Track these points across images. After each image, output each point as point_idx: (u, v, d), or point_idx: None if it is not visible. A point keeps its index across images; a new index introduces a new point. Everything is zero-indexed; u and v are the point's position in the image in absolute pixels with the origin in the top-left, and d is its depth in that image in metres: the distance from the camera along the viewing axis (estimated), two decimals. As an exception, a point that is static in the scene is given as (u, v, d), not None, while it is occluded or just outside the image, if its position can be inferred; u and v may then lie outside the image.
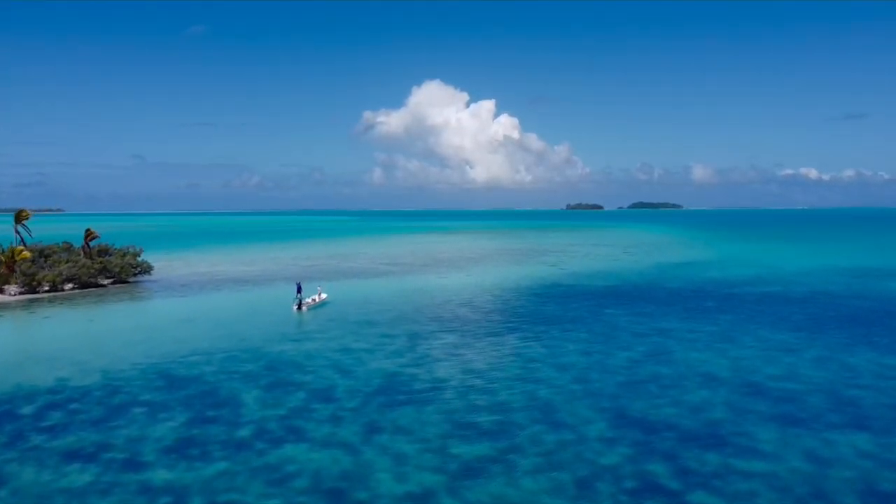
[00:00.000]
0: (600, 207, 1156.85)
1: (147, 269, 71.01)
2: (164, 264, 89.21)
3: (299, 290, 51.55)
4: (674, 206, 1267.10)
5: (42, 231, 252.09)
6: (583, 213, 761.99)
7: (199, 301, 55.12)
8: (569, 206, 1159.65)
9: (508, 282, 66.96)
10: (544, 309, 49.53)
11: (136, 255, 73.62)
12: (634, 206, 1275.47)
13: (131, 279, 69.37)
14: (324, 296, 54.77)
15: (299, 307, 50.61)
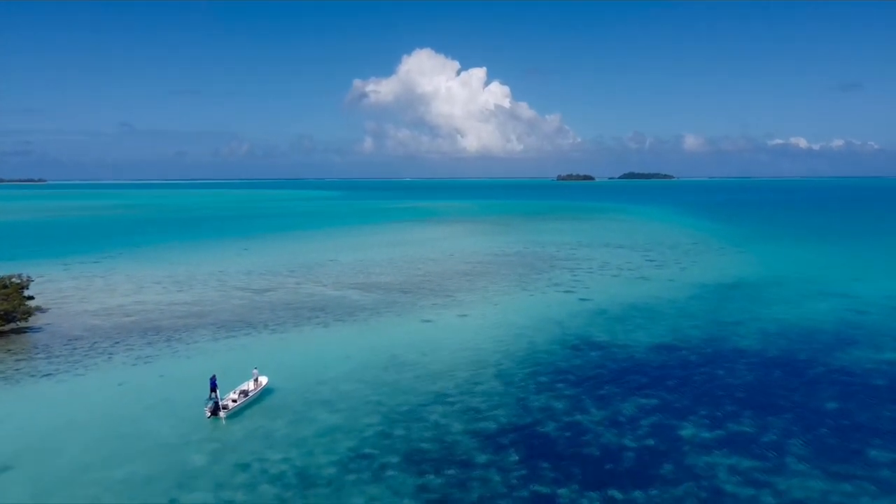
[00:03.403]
0: (591, 178, 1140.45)
1: (26, 314, 52.50)
2: (79, 285, 70.80)
3: (213, 386, 34.15)
4: (665, 176, 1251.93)
5: (11, 212, 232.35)
6: (575, 186, 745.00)
7: (61, 394, 36.82)
8: (560, 177, 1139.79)
9: (518, 335, 49.02)
10: (582, 426, 31.72)
11: (22, 287, 55.08)
12: (625, 176, 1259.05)
13: (5, 327, 50.98)
14: (263, 381, 37.43)
15: (214, 411, 33.17)
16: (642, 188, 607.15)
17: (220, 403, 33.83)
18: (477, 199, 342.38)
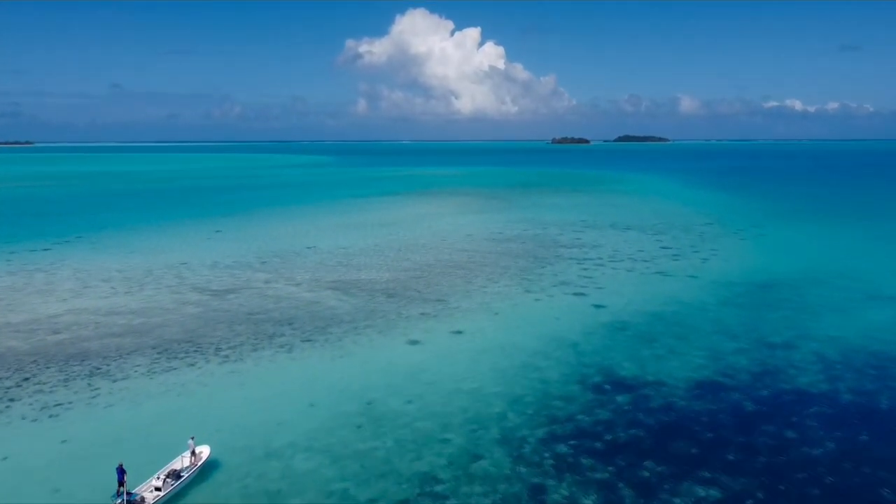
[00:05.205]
0: (586, 141, 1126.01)
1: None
2: (14, 284, 61.23)
3: (122, 479, 25.13)
4: (660, 139, 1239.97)
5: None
6: (570, 150, 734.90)
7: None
8: (554, 140, 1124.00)
9: (525, 365, 39.89)
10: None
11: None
12: (620, 139, 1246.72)
13: None
14: (203, 453, 28.40)
15: None
16: (639, 152, 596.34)
17: (130, 500, 24.82)
18: (472, 167, 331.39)
